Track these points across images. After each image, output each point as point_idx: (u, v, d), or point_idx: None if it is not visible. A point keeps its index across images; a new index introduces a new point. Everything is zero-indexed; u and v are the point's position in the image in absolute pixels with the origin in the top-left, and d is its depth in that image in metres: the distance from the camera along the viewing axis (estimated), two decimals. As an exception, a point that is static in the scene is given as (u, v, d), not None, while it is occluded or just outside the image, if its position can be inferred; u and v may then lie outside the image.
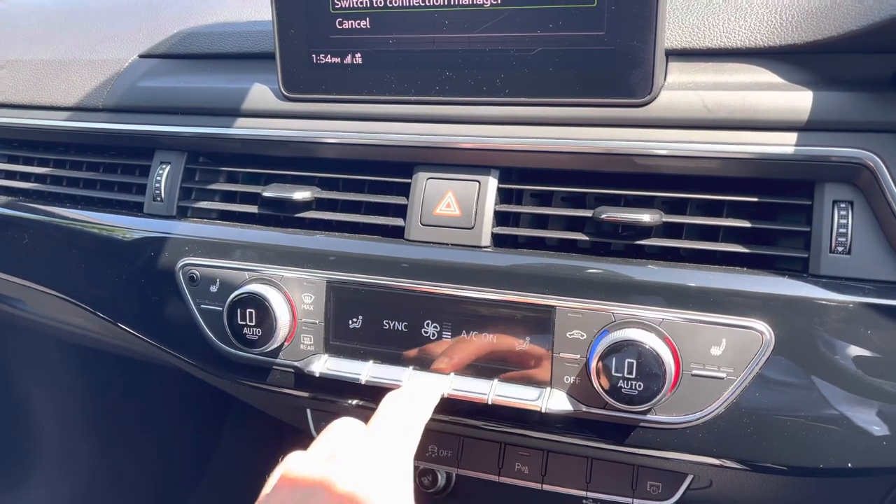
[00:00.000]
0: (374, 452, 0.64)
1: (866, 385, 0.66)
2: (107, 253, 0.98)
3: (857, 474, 0.69)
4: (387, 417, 0.69)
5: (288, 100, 0.83)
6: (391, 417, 0.69)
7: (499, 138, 0.77)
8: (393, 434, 0.67)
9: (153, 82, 0.97)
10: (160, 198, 0.94)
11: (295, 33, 0.80)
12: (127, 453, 1.79)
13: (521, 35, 0.72)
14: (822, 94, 0.67)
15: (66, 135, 1.04)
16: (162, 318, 0.94)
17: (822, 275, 0.67)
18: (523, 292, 0.74)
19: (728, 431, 0.70)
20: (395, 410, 0.70)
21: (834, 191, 0.67)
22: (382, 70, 0.78)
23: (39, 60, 1.09)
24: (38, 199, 1.08)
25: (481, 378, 0.76)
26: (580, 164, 0.75)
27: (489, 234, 0.77)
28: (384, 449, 0.64)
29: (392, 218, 0.82)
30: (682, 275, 0.70)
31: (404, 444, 0.66)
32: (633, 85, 0.70)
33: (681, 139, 0.70)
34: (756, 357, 0.67)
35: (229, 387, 1.01)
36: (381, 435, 0.67)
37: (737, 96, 0.69)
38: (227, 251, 0.87)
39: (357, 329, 0.81)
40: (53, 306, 1.11)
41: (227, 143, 0.90)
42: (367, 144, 0.82)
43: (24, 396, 1.75)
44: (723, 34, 0.71)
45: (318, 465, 0.62)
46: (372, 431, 0.67)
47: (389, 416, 0.69)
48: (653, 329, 0.69)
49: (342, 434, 0.67)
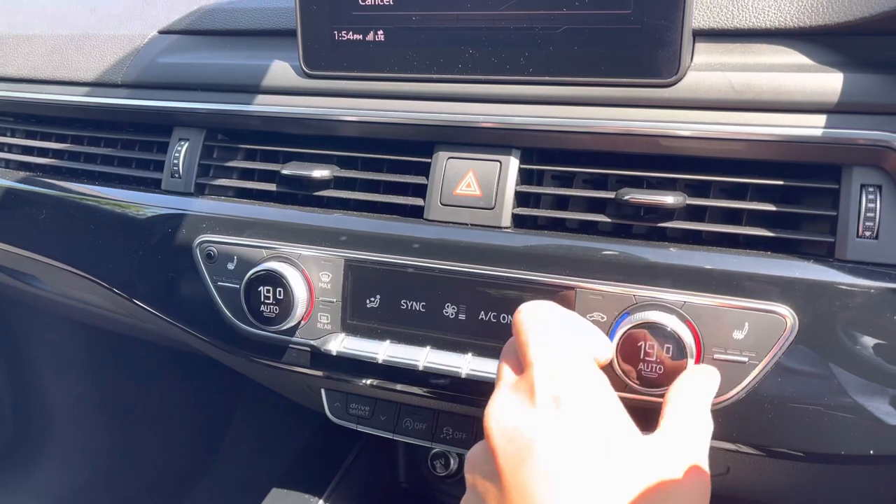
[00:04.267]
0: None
1: (892, 372, 0.65)
2: (124, 229, 0.98)
3: (878, 462, 0.68)
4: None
5: (309, 77, 0.83)
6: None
7: (521, 118, 0.76)
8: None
9: (172, 58, 0.97)
10: (178, 174, 0.94)
11: (317, 10, 0.79)
12: (137, 436, 1.80)
13: (547, 13, 0.71)
14: (852, 77, 0.66)
15: (85, 110, 1.04)
16: (178, 294, 0.94)
17: (849, 259, 0.66)
18: (543, 273, 0.74)
19: (748, 416, 0.69)
20: None
21: (862, 175, 0.66)
22: (405, 47, 0.77)
23: (59, 35, 1.09)
24: (55, 175, 1.08)
25: (499, 359, 0.76)
26: (603, 144, 0.74)
27: (510, 214, 0.77)
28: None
29: (411, 198, 0.82)
30: (705, 258, 0.70)
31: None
32: (659, 65, 0.69)
33: (707, 120, 0.70)
34: (779, 342, 0.66)
35: (243, 365, 1.01)
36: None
37: (765, 77, 0.68)
38: (244, 229, 0.87)
39: (375, 308, 0.80)
40: (69, 283, 1.11)
41: (247, 120, 0.90)
42: (387, 123, 0.82)
43: (37, 377, 1.76)
44: (751, 14, 0.70)
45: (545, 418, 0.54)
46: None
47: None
48: (674, 312, 0.68)
49: (561, 361, 0.58)
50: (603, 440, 0.54)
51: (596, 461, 0.53)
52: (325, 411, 0.97)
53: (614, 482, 0.53)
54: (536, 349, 0.57)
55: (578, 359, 0.59)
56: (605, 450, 0.54)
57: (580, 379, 0.57)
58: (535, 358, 0.57)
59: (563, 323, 0.61)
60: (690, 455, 0.57)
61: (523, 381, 0.57)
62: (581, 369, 0.58)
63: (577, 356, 0.59)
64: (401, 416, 0.93)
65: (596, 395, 0.57)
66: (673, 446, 0.58)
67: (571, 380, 0.56)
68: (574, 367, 0.58)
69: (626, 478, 0.53)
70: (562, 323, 0.61)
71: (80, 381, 1.77)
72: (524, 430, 0.54)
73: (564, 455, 0.53)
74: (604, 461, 0.53)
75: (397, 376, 0.83)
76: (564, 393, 0.55)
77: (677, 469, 0.56)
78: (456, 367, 0.76)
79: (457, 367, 0.76)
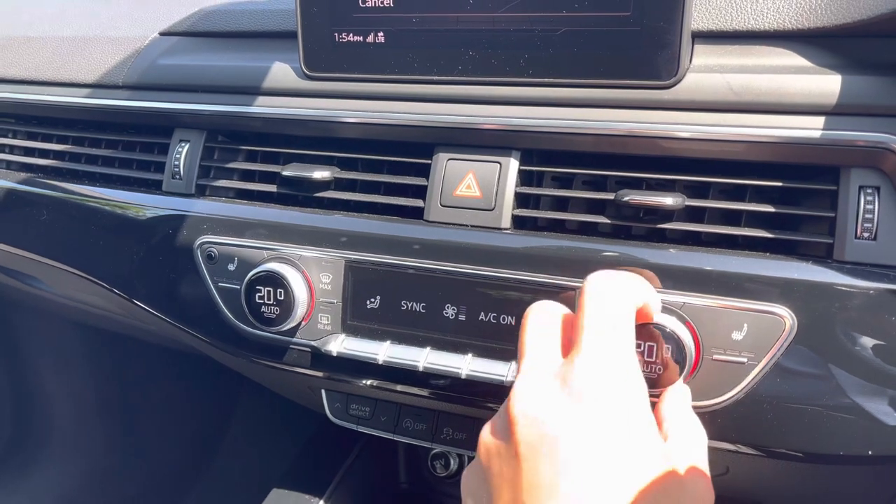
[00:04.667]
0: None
1: (891, 372, 0.65)
2: (125, 230, 0.99)
3: (877, 462, 0.68)
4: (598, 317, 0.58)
5: (309, 79, 0.83)
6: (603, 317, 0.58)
7: (521, 119, 0.76)
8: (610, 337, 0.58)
9: (173, 60, 0.97)
10: (179, 176, 0.94)
11: (317, 11, 0.79)
12: (137, 436, 1.80)
13: (546, 15, 0.71)
14: (851, 78, 0.66)
15: (86, 112, 1.04)
16: (179, 295, 0.94)
17: (847, 261, 0.66)
18: (543, 275, 0.74)
19: (747, 417, 0.69)
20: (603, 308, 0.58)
21: (860, 176, 0.67)
22: (405, 49, 0.78)
23: (60, 37, 1.09)
24: (56, 177, 1.08)
25: (499, 360, 0.76)
26: (603, 146, 0.74)
27: (510, 216, 0.77)
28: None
29: (412, 199, 0.82)
30: (704, 259, 0.70)
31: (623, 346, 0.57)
32: (658, 67, 0.69)
33: (706, 122, 0.70)
34: (778, 342, 0.67)
35: (243, 366, 1.02)
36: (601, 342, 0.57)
37: (763, 79, 0.68)
38: (245, 230, 0.87)
39: (375, 309, 0.81)
40: (70, 284, 1.12)
41: (247, 121, 0.90)
42: (387, 124, 0.82)
43: (37, 377, 1.76)
44: (750, 16, 0.71)
45: (560, 402, 0.54)
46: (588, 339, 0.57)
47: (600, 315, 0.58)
48: (674, 312, 0.69)
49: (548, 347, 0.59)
50: (629, 443, 0.54)
51: (620, 463, 0.53)
52: (326, 412, 0.98)
53: (634, 485, 0.53)
54: (588, 344, 0.56)
55: (627, 354, 0.57)
56: (629, 452, 0.54)
57: (619, 374, 0.56)
58: (584, 349, 0.56)
59: (625, 312, 0.59)
60: (697, 460, 0.58)
61: (558, 371, 0.56)
62: (624, 366, 0.57)
63: (628, 349, 0.58)
64: (401, 416, 0.93)
65: (630, 395, 0.56)
66: (682, 451, 0.58)
67: (611, 376, 0.56)
68: (618, 364, 0.56)
69: (645, 482, 0.53)
70: (624, 312, 0.59)
71: (81, 381, 1.77)
72: (552, 422, 0.53)
73: (589, 454, 0.52)
74: (627, 464, 0.53)
75: (397, 377, 0.83)
76: (599, 390, 0.55)
77: (688, 472, 0.56)
78: (456, 368, 0.76)
79: (457, 368, 0.76)
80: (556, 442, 0.53)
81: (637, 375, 0.58)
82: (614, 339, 0.57)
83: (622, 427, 0.54)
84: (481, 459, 0.58)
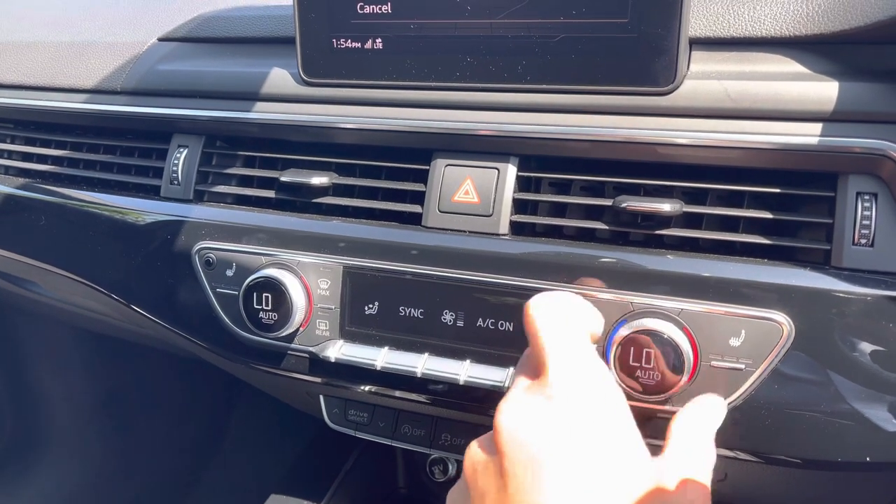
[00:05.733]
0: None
1: (888, 379, 0.65)
2: (123, 236, 0.99)
3: (875, 468, 0.68)
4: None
5: (307, 85, 0.83)
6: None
7: (519, 125, 0.76)
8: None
9: (172, 65, 0.97)
10: (177, 181, 0.94)
11: (316, 17, 0.79)
12: (135, 441, 1.80)
13: (544, 22, 0.71)
14: (848, 85, 0.66)
15: (84, 117, 1.04)
16: (177, 301, 0.94)
17: (845, 267, 0.66)
18: (541, 280, 0.74)
19: (745, 423, 0.69)
20: None
21: (858, 182, 0.67)
22: (403, 55, 0.78)
23: (59, 42, 1.10)
24: (54, 182, 1.08)
25: (497, 366, 0.76)
26: (600, 152, 0.74)
27: (507, 221, 0.77)
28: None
29: (410, 205, 0.82)
30: (702, 265, 0.70)
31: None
32: (656, 73, 0.69)
33: (703, 128, 0.70)
34: (775, 349, 0.67)
35: (242, 372, 1.02)
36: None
37: (760, 86, 0.68)
38: (243, 235, 0.87)
39: (373, 315, 0.81)
40: (68, 289, 1.12)
41: (246, 127, 0.90)
42: (385, 130, 0.82)
43: (36, 381, 1.76)
44: (748, 23, 0.71)
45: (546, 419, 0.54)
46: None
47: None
48: (671, 319, 0.69)
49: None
50: (615, 461, 0.54)
51: (606, 483, 0.52)
52: (324, 418, 0.97)
53: (618, 500, 0.52)
54: (553, 355, 0.57)
55: (596, 364, 0.58)
56: (616, 472, 0.53)
57: (598, 391, 0.56)
58: (552, 364, 0.56)
59: (576, 319, 0.61)
60: (693, 473, 0.57)
61: (538, 387, 0.56)
62: (599, 377, 0.57)
63: (595, 360, 0.58)
64: (399, 422, 0.93)
65: (613, 412, 0.56)
66: (675, 465, 0.58)
67: (589, 392, 0.56)
68: (592, 375, 0.57)
69: (631, 497, 0.53)
70: (576, 319, 0.61)
71: (80, 386, 1.77)
72: (537, 441, 0.53)
73: (576, 473, 0.52)
74: (614, 484, 0.53)
75: (396, 383, 0.83)
76: (582, 406, 0.55)
77: (680, 486, 0.56)
78: (454, 374, 0.76)
79: (455, 374, 0.76)
80: (543, 464, 0.52)
81: (611, 382, 0.58)
82: (578, 350, 0.58)
83: (605, 440, 0.54)
84: (466, 475, 0.58)
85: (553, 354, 0.57)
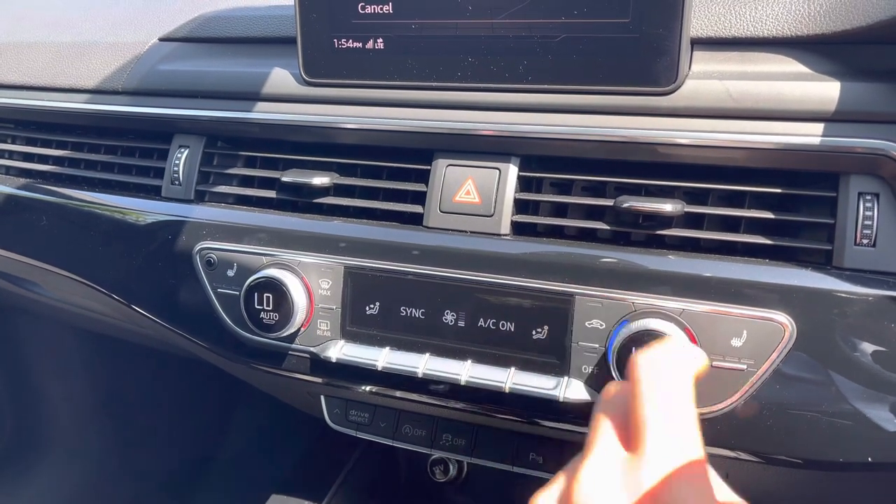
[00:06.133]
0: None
1: (890, 379, 0.65)
2: (124, 236, 0.99)
3: (876, 469, 0.68)
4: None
5: (309, 85, 0.83)
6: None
7: (520, 125, 0.76)
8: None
9: (173, 65, 0.97)
10: (178, 181, 0.94)
11: (317, 17, 0.79)
12: (136, 442, 1.80)
13: (546, 22, 0.71)
14: (849, 85, 0.66)
15: (85, 117, 1.04)
16: (178, 301, 0.94)
17: (847, 267, 0.66)
18: (542, 281, 0.74)
19: (746, 423, 0.69)
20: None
21: (859, 183, 0.67)
22: (404, 56, 0.78)
23: (60, 43, 1.10)
24: (55, 182, 1.08)
25: (498, 366, 0.76)
26: (602, 152, 0.74)
27: (509, 222, 0.77)
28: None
29: (411, 205, 0.82)
30: (703, 265, 0.70)
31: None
32: (657, 73, 0.69)
33: (704, 128, 0.70)
34: (777, 349, 0.67)
35: (243, 372, 1.02)
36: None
37: (762, 86, 0.68)
38: (244, 235, 0.87)
39: (374, 315, 0.80)
40: (69, 289, 1.12)
41: (247, 127, 0.90)
42: (386, 130, 0.82)
43: (36, 381, 1.76)
44: (749, 23, 0.71)
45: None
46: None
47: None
48: (673, 319, 0.69)
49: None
50: None
51: None
52: (325, 418, 0.97)
53: None
54: (653, 430, 0.51)
55: (695, 443, 0.52)
56: None
57: (686, 476, 0.51)
58: (651, 441, 0.51)
59: (684, 381, 0.54)
60: None
61: (632, 463, 0.52)
62: (695, 458, 0.52)
63: (694, 437, 0.52)
64: (400, 422, 0.93)
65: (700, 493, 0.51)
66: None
67: (683, 482, 0.50)
68: (690, 455, 0.51)
69: None
70: (683, 381, 0.54)
71: (80, 387, 1.76)
72: None
73: None
74: None
75: (397, 383, 0.83)
76: (667, 494, 0.50)
77: None
78: (455, 374, 0.76)
79: (456, 374, 0.76)
80: None
81: (705, 474, 0.52)
82: (681, 433, 0.52)
83: None
84: None
85: (653, 429, 0.52)
